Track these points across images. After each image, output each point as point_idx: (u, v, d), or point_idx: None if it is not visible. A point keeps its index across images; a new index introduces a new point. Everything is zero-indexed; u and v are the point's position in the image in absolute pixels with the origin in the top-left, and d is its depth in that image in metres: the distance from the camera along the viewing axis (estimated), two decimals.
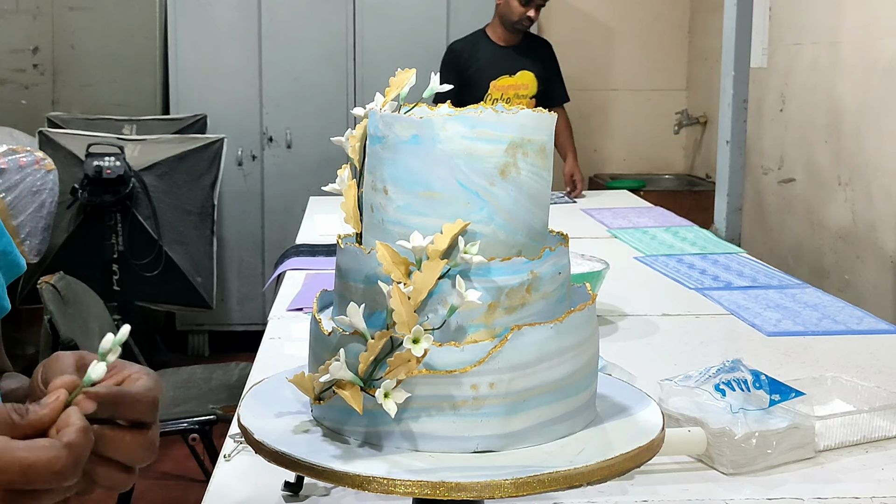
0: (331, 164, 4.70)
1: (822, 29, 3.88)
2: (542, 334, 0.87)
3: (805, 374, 1.66)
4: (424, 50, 4.92)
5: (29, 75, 4.82)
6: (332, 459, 0.85)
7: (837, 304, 2.27)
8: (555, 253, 0.91)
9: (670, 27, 5.57)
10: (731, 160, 3.22)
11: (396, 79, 0.97)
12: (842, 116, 3.72)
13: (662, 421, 0.93)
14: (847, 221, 3.67)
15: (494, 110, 0.92)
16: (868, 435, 1.45)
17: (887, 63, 3.42)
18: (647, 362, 1.80)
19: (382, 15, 4.92)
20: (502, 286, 0.87)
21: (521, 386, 0.86)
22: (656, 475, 1.34)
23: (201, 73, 4.87)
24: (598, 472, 0.83)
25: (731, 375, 1.42)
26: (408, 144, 0.89)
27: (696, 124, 5.46)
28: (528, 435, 0.87)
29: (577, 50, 5.56)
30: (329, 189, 1.01)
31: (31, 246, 3.97)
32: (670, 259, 2.74)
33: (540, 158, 0.91)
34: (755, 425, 1.35)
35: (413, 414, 0.86)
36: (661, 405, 1.18)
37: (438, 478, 0.81)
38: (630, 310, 2.19)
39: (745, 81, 3.20)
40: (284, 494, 1.29)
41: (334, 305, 0.97)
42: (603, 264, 2.09)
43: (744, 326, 2.09)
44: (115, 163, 4.21)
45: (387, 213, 0.91)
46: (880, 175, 3.46)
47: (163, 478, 3.66)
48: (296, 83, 4.92)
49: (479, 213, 0.88)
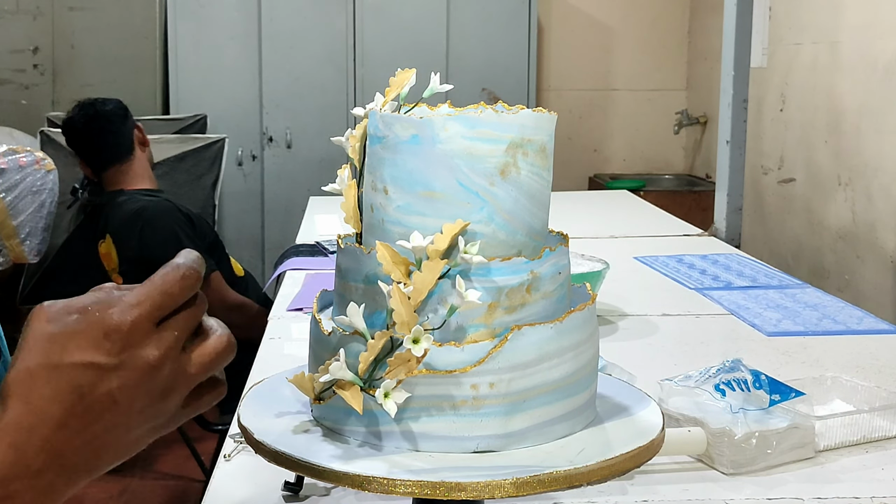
0: (331, 164, 4.70)
1: (822, 29, 3.88)
2: (542, 334, 0.87)
3: (805, 374, 1.66)
4: (424, 50, 4.93)
5: (29, 75, 4.82)
6: (332, 459, 0.85)
7: (837, 304, 2.27)
8: (555, 253, 0.91)
9: (670, 27, 5.57)
10: (731, 160, 3.21)
11: (396, 79, 0.97)
12: (842, 116, 3.72)
13: (662, 421, 0.93)
14: (847, 221, 3.67)
15: (494, 110, 0.92)
16: (868, 435, 1.45)
17: (887, 63, 3.42)
18: (647, 362, 1.80)
19: (382, 15, 4.92)
20: (502, 286, 0.87)
21: (521, 386, 0.86)
22: (656, 475, 1.34)
23: (201, 73, 4.87)
24: (598, 472, 0.83)
25: (731, 375, 1.42)
26: (408, 144, 0.89)
27: (696, 124, 5.46)
28: (528, 435, 0.87)
29: (577, 50, 5.56)
30: (329, 189, 1.01)
31: (31, 246, 3.97)
32: (670, 259, 2.74)
33: (540, 158, 0.91)
34: (755, 425, 1.35)
35: (413, 414, 0.86)
36: (661, 405, 1.18)
37: (438, 478, 0.81)
38: (630, 310, 2.19)
39: (745, 81, 3.20)
40: (284, 494, 1.29)
41: (334, 305, 0.97)
42: (603, 264, 2.09)
43: (744, 326, 2.09)
44: None
45: (387, 213, 0.91)
46: (880, 175, 3.46)
47: (163, 478, 3.66)
48: (296, 83, 4.92)
49: (479, 213, 0.88)
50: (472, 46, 5.01)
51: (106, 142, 3.22)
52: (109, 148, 3.23)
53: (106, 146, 3.22)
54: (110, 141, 3.22)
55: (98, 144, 3.23)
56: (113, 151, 3.22)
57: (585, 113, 5.61)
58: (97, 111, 3.23)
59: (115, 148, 3.23)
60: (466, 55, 5.00)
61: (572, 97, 5.59)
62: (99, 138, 3.21)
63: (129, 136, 3.23)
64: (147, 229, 3.02)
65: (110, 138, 3.22)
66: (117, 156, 3.22)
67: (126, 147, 3.23)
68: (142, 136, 3.27)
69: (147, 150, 3.29)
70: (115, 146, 3.23)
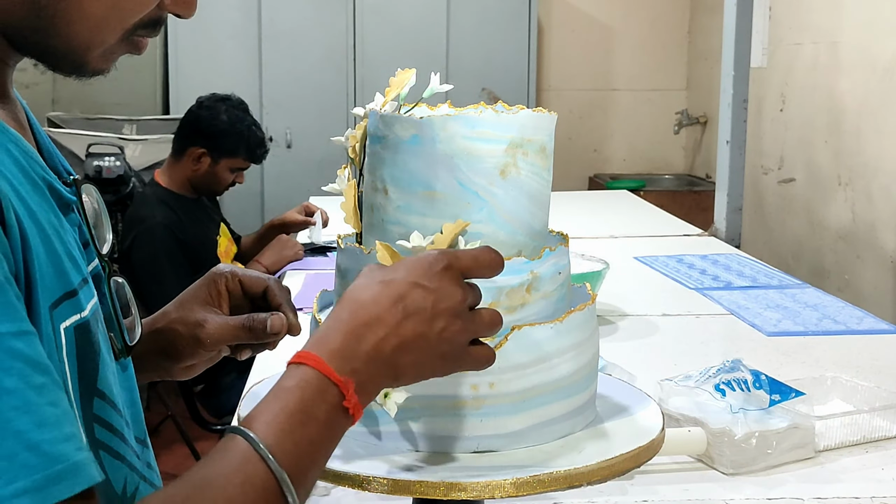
0: (331, 164, 4.70)
1: (822, 29, 3.88)
2: (541, 334, 0.87)
3: (805, 374, 1.66)
4: (424, 50, 4.93)
5: (29, 75, 4.82)
6: (332, 459, 0.85)
7: (837, 304, 2.27)
8: (555, 253, 0.90)
9: (670, 27, 5.57)
10: (731, 160, 3.21)
11: (396, 79, 0.97)
12: (842, 116, 3.72)
13: (662, 421, 0.93)
14: (847, 221, 3.67)
15: (494, 110, 0.92)
16: (868, 435, 1.45)
17: (887, 63, 3.42)
18: (647, 362, 1.80)
19: (382, 15, 4.92)
20: (502, 286, 0.87)
21: (520, 386, 0.86)
22: (656, 475, 1.34)
23: (201, 73, 4.87)
24: (598, 472, 0.83)
25: (731, 375, 1.42)
26: (408, 144, 0.89)
27: (696, 124, 5.46)
28: (527, 435, 0.87)
29: (577, 50, 5.56)
30: (329, 189, 1.01)
31: None
32: (670, 259, 2.74)
33: (540, 158, 0.91)
34: (755, 425, 1.35)
35: (413, 414, 0.86)
36: (661, 405, 1.18)
37: (438, 478, 0.81)
38: (630, 310, 2.19)
39: (745, 81, 3.20)
40: None
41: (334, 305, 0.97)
42: (603, 264, 2.09)
43: (744, 326, 2.09)
44: (115, 162, 4.21)
45: (387, 212, 0.91)
46: (880, 175, 3.46)
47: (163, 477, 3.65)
48: (296, 83, 4.92)
49: (478, 213, 0.88)
50: (472, 46, 5.01)
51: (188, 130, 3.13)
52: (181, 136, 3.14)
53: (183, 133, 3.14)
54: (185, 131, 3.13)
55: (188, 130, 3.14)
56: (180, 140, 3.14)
57: (585, 113, 5.61)
58: (224, 105, 3.12)
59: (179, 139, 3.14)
60: (466, 55, 5.00)
61: (572, 97, 5.59)
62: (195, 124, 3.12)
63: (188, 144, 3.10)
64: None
65: (187, 129, 3.13)
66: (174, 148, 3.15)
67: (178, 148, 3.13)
68: (203, 162, 3.09)
69: (200, 171, 3.11)
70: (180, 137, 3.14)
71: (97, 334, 0.80)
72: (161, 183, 3.13)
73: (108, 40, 0.81)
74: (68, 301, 0.76)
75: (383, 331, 0.76)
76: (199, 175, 3.10)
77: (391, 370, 0.77)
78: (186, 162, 3.08)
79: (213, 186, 3.16)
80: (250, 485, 0.69)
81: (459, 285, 0.80)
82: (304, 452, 0.72)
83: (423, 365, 0.78)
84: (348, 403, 0.74)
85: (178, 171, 3.11)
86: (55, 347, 0.73)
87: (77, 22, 0.78)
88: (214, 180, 3.12)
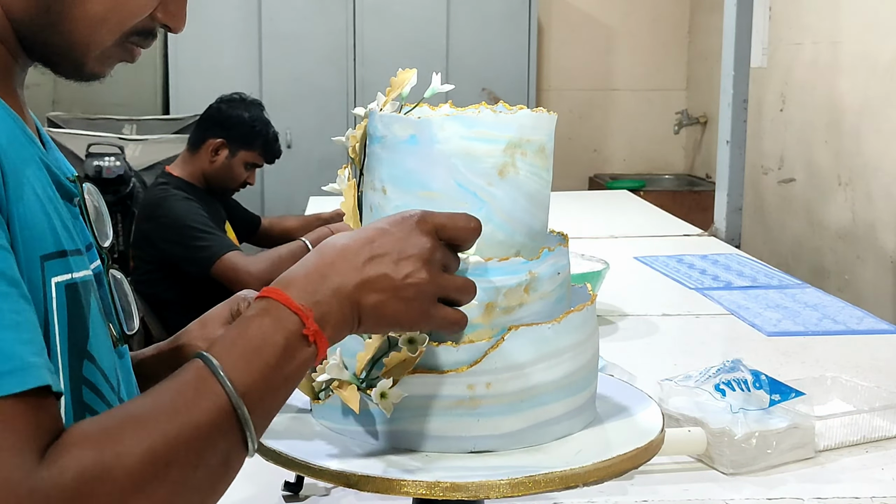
0: (331, 164, 4.70)
1: (822, 29, 3.88)
2: (539, 335, 0.86)
3: (805, 374, 1.66)
4: (424, 50, 4.92)
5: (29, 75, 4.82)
6: (331, 459, 0.85)
7: (837, 304, 2.27)
8: (554, 253, 0.90)
9: (670, 27, 5.57)
10: (731, 160, 3.21)
11: (397, 79, 0.97)
12: (842, 116, 3.71)
13: (662, 422, 0.93)
14: (847, 221, 3.67)
15: (493, 110, 0.92)
16: (868, 435, 1.45)
17: (887, 63, 3.42)
18: (647, 362, 1.80)
19: (382, 15, 4.92)
20: (500, 286, 0.87)
21: (518, 386, 0.86)
22: (656, 475, 1.34)
23: (201, 73, 4.87)
24: (595, 473, 0.83)
25: (731, 375, 1.42)
26: (406, 144, 0.89)
27: (696, 124, 5.46)
28: (525, 435, 0.87)
29: (577, 50, 5.56)
30: (329, 189, 1.01)
31: None
32: (670, 259, 2.74)
33: (539, 158, 0.91)
34: (755, 425, 1.35)
35: (410, 414, 0.86)
36: (661, 405, 1.18)
37: (435, 478, 0.81)
38: (630, 310, 2.18)
39: (745, 81, 3.20)
40: (284, 494, 1.29)
41: None
42: (603, 264, 2.09)
43: (744, 326, 2.09)
44: (115, 163, 4.21)
45: (386, 212, 0.90)
46: (880, 175, 3.46)
47: None
48: (296, 83, 4.92)
49: (476, 213, 0.87)
50: (472, 46, 5.01)
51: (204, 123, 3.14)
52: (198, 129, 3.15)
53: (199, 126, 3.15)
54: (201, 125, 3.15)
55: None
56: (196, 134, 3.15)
57: (585, 113, 5.60)
58: (239, 102, 3.15)
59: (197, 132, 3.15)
60: (466, 55, 5.00)
61: (572, 97, 5.59)
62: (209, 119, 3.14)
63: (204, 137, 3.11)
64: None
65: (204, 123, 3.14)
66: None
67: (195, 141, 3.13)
68: (220, 154, 3.09)
69: (216, 163, 3.10)
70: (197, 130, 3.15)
71: (90, 301, 0.82)
72: (174, 174, 3.12)
73: (106, 42, 0.84)
74: (60, 259, 0.78)
75: (347, 268, 0.78)
76: (215, 168, 3.11)
77: (354, 308, 0.78)
78: (203, 154, 3.09)
79: (227, 182, 3.16)
80: (202, 399, 0.71)
81: (430, 237, 0.81)
82: (259, 375, 0.73)
83: (386, 306, 0.79)
84: (308, 331, 0.75)
85: (194, 163, 3.11)
86: (43, 297, 0.76)
87: (78, 20, 0.81)
88: (229, 175, 3.13)
